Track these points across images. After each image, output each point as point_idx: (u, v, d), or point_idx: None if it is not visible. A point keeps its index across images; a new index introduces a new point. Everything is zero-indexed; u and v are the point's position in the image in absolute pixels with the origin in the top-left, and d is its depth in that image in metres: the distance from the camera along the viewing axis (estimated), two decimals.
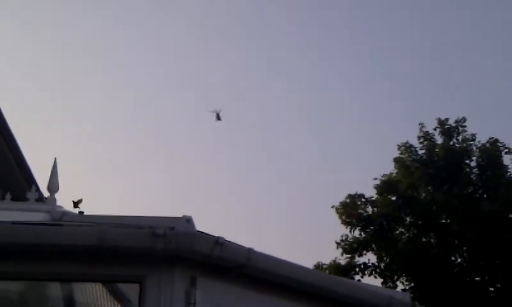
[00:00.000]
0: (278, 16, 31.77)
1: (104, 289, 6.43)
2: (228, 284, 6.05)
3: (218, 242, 5.63)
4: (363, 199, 20.68)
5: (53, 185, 6.99)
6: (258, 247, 6.20)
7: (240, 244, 6.05)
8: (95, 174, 30.17)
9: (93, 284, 6.29)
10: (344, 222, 20.39)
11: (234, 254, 5.89)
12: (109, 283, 6.06)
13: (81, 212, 7.18)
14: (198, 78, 33.02)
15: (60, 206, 6.87)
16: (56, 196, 6.97)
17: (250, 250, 5.99)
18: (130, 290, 5.98)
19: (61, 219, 6.40)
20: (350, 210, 20.43)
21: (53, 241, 5.53)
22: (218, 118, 24.40)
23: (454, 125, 20.75)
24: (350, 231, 20.40)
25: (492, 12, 30.88)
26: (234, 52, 32.91)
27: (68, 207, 7.06)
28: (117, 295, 6.53)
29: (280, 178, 32.94)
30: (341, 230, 20.45)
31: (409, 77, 32.93)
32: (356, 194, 20.72)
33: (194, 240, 5.53)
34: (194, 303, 5.55)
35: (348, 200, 20.61)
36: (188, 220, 5.63)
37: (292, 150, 34.02)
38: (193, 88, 33.08)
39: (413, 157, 20.63)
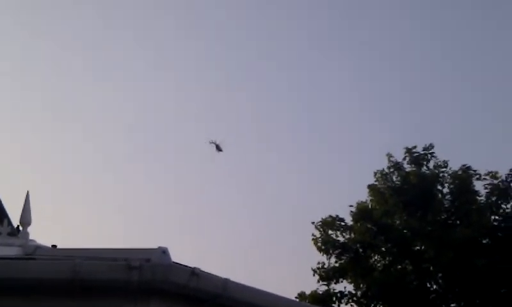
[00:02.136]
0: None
1: None
2: None
3: (194, 272, 5.60)
4: (342, 223, 20.67)
5: (26, 219, 6.92)
6: (236, 277, 6.18)
7: (216, 274, 6.01)
8: (68, 206, 29.86)
9: None
10: (320, 249, 20.36)
11: (210, 285, 5.85)
12: None
13: (54, 246, 7.10)
14: (175, 108, 33.07)
15: (33, 240, 6.79)
16: (29, 229, 6.89)
17: (226, 280, 5.96)
18: None
19: (34, 253, 6.32)
20: (329, 230, 20.42)
21: (26, 275, 5.46)
22: (218, 148, 24.28)
23: (422, 152, 20.90)
24: (327, 259, 20.38)
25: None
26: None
27: (41, 241, 6.98)
28: None
29: (259, 202, 32.94)
30: (319, 257, 20.46)
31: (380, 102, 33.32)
32: (336, 217, 20.72)
33: (169, 272, 5.48)
34: None
35: (329, 219, 20.61)
36: (164, 252, 5.59)
37: (271, 172, 34.00)
38: (171, 117, 33.09)
39: (388, 184, 20.73)
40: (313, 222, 20.65)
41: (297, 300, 17.79)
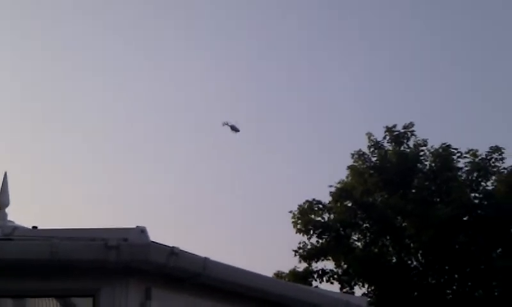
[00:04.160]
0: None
1: (59, 304, 6.32)
2: (184, 294, 6.01)
3: (173, 252, 5.59)
4: (320, 205, 20.70)
5: (3, 200, 6.86)
6: (215, 257, 6.18)
7: (195, 253, 6.01)
8: (46, 186, 29.73)
9: (46, 299, 6.17)
10: (299, 231, 20.37)
11: (190, 264, 5.85)
12: (62, 297, 5.96)
13: (35, 227, 7.06)
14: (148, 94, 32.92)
15: (11, 221, 6.75)
16: (7, 210, 6.84)
17: (206, 259, 5.96)
18: (86, 304, 5.89)
19: (12, 234, 6.26)
20: (307, 215, 20.43)
21: (4, 256, 5.43)
22: (234, 129, 24.21)
23: (402, 130, 20.93)
24: (308, 239, 20.41)
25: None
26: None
27: (20, 222, 6.93)
28: None
29: (237, 186, 33.00)
30: (299, 238, 20.46)
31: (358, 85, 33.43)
32: (313, 200, 20.74)
33: (148, 251, 5.47)
34: None
35: (306, 205, 20.62)
36: (142, 231, 5.56)
37: (248, 159, 34.08)
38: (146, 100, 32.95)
39: (366, 163, 20.76)
40: (290, 211, 20.65)
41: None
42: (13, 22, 27.60)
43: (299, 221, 20.43)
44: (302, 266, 20.41)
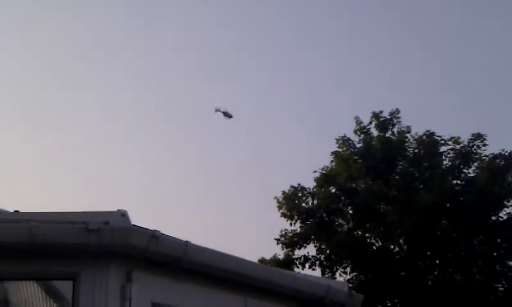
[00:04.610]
0: None
1: (39, 287, 6.28)
2: (165, 277, 5.99)
3: (154, 235, 5.56)
4: (304, 191, 20.70)
5: None
6: (197, 241, 6.15)
7: (177, 237, 5.98)
8: (30, 170, 29.56)
9: (27, 282, 6.13)
10: (284, 215, 20.38)
11: (171, 247, 5.82)
12: (42, 280, 5.91)
13: (17, 211, 7.00)
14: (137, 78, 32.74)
15: None
16: None
17: (187, 243, 5.93)
18: (66, 287, 5.85)
19: None
20: (291, 201, 20.43)
21: None
22: (226, 115, 24.28)
23: (388, 117, 20.97)
24: (291, 224, 20.43)
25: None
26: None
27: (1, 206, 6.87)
28: (52, 293, 6.39)
29: (222, 174, 32.95)
30: (281, 225, 20.46)
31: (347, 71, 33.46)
32: (298, 186, 20.75)
33: (129, 235, 5.43)
34: (130, 299, 5.47)
35: (290, 192, 20.62)
36: (123, 215, 5.53)
37: (233, 145, 34.03)
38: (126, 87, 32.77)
39: (350, 149, 20.77)
40: (275, 197, 20.67)
41: None
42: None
43: (284, 205, 20.48)
44: (284, 253, 20.46)
